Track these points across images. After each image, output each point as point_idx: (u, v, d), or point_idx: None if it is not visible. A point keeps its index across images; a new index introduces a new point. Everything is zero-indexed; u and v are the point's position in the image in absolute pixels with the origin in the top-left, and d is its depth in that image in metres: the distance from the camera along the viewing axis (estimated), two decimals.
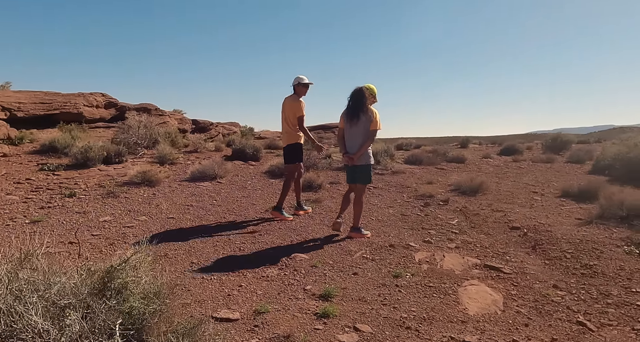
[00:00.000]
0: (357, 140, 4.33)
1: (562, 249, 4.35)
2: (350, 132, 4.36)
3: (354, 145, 4.35)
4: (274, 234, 4.65)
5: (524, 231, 5.01)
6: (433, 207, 6.27)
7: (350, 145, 4.38)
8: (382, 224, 5.25)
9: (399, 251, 4.17)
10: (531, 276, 3.70)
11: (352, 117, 4.28)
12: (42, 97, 14.07)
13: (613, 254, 4.12)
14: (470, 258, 4.07)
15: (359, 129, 4.29)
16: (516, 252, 4.37)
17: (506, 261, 4.08)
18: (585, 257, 4.08)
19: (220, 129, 20.14)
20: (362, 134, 4.30)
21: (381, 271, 3.63)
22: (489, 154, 13.86)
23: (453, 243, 4.58)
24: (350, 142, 4.38)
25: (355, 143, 4.34)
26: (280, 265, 3.74)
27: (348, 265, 3.76)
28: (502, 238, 4.84)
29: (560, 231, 4.88)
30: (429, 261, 3.90)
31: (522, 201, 6.65)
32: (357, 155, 4.31)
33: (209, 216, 5.23)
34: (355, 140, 4.34)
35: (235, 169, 8.80)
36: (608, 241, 4.50)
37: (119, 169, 6.95)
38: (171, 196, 6.00)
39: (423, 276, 3.52)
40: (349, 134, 4.39)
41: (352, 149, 4.38)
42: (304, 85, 5.16)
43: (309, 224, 5.11)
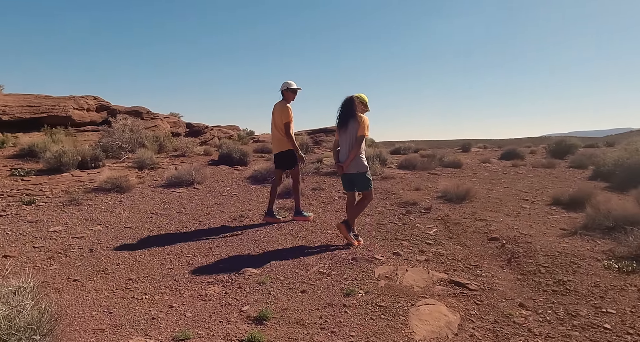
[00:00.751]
0: (347, 148, 4.32)
1: (538, 262, 4.13)
2: (341, 140, 4.38)
3: (345, 153, 4.34)
4: (232, 246, 4.46)
5: (502, 242, 4.80)
6: (414, 215, 6.08)
7: (343, 153, 4.38)
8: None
9: (360, 264, 3.97)
10: (498, 293, 3.49)
11: (342, 125, 4.31)
12: (31, 100, 14.08)
13: (591, 269, 3.90)
14: (436, 273, 3.86)
15: (348, 137, 4.29)
16: (489, 266, 4.16)
17: (476, 276, 3.87)
18: (560, 272, 3.87)
19: (216, 132, 20.10)
20: (350, 140, 4.29)
21: (333, 288, 3.42)
22: (488, 159, 13.60)
23: (424, 255, 4.38)
24: (342, 150, 4.39)
25: (345, 151, 4.33)
26: (225, 281, 3.53)
27: (300, 281, 3.54)
28: (478, 250, 4.64)
29: (540, 243, 4.66)
30: (389, 276, 3.69)
31: (509, 209, 6.43)
32: (347, 164, 4.29)
33: (171, 225, 5.07)
34: (346, 148, 4.33)
35: (218, 174, 8.68)
36: (589, 254, 4.27)
37: (94, 174, 6.84)
38: (138, 203, 5.85)
39: (377, 293, 3.31)
40: (342, 142, 4.40)
41: (343, 157, 4.38)
42: (292, 90, 5.18)
43: (275, 234, 4.92)
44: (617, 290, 3.45)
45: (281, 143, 5.23)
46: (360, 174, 4.36)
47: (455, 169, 11.31)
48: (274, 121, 5.24)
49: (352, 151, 4.25)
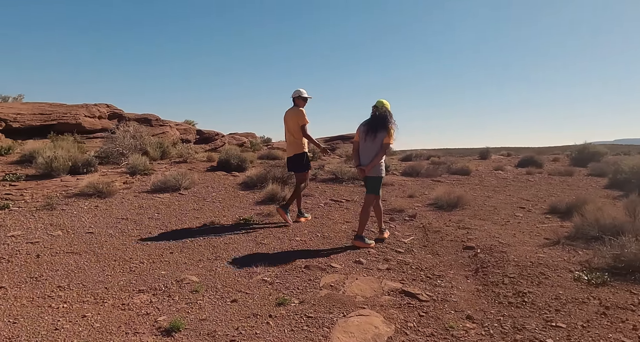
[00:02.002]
0: (372, 154, 4.55)
1: (506, 273, 3.95)
2: (366, 146, 4.57)
3: (368, 158, 4.56)
4: (187, 252, 4.41)
5: (476, 251, 4.63)
6: (396, 222, 5.96)
7: (365, 158, 4.60)
8: (323, 241, 4.99)
9: (311, 273, 3.87)
10: (450, 305, 3.35)
11: (371, 132, 4.52)
12: (45, 108, 14.68)
13: (558, 281, 3.70)
14: (391, 282, 3.74)
15: (375, 144, 4.52)
16: (454, 276, 4.01)
17: (433, 286, 3.74)
18: (524, 284, 3.68)
19: (227, 139, 20.39)
20: (376, 148, 4.53)
21: (268, 297, 3.31)
22: (501, 166, 13.26)
23: (387, 264, 4.26)
24: (365, 155, 4.60)
25: (369, 156, 4.56)
26: (157, 290, 3.42)
27: (236, 290, 3.43)
28: (448, 259, 4.49)
29: (516, 253, 4.47)
30: (335, 285, 3.57)
31: (500, 217, 6.22)
32: (369, 168, 4.52)
33: (135, 230, 5.07)
34: (370, 154, 4.56)
35: (211, 180, 8.77)
36: (563, 265, 4.06)
37: (83, 179, 7.04)
38: (113, 209, 5.93)
39: (313, 303, 3.19)
40: (364, 148, 4.60)
41: (366, 161, 4.59)
42: (303, 98, 5.57)
43: (238, 240, 4.80)
44: (577, 303, 3.26)
45: (296, 146, 5.55)
46: (376, 178, 4.66)
47: (462, 177, 11.07)
48: (287, 126, 5.58)
49: (377, 157, 4.52)
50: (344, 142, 31.42)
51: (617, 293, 3.41)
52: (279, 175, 8.41)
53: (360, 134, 4.65)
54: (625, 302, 3.23)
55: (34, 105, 15.41)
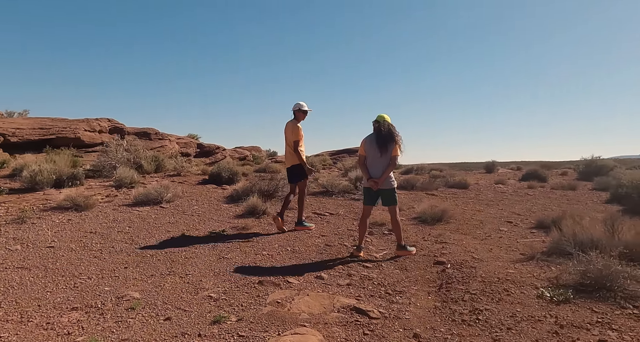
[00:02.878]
0: (382, 167, 4.71)
1: (469, 289, 3.84)
2: (375, 159, 4.74)
3: (379, 171, 4.72)
4: (142, 267, 4.31)
5: (446, 266, 4.53)
6: (374, 236, 5.87)
7: (375, 171, 4.75)
8: (291, 256, 4.92)
9: (263, 288, 3.78)
10: (401, 322, 3.25)
11: (380, 146, 4.69)
12: (45, 123, 15.00)
13: (520, 298, 3.58)
14: (345, 298, 3.65)
15: (385, 157, 4.70)
16: (416, 292, 3.92)
17: (390, 303, 3.64)
18: (484, 300, 3.57)
19: (230, 152, 20.54)
20: (386, 162, 4.72)
21: (206, 315, 3.19)
22: (503, 180, 13.09)
23: (349, 279, 4.17)
24: (375, 168, 4.75)
25: (379, 169, 4.72)
26: (92, 307, 3.33)
27: (175, 307, 3.35)
28: (415, 274, 4.39)
29: (486, 268, 4.36)
30: (282, 301, 3.48)
31: (483, 231, 6.10)
32: (382, 180, 4.69)
33: (99, 244, 5.03)
34: (380, 167, 4.72)
35: (199, 193, 8.80)
36: (530, 281, 3.94)
37: (66, 193, 7.12)
38: (84, 223, 5.91)
39: (251, 321, 3.08)
40: (373, 162, 4.76)
41: (376, 174, 4.73)
42: (303, 111, 5.82)
43: (200, 255, 4.74)
44: (532, 321, 3.14)
45: (291, 158, 5.86)
46: (391, 189, 4.81)
47: (459, 190, 10.95)
48: (286, 138, 5.88)
49: (387, 169, 4.70)
50: (350, 155, 31.41)
51: (578, 311, 3.29)
52: (265, 188, 8.41)
53: (366, 148, 4.82)
54: (583, 321, 3.11)
55: (36, 120, 15.77)
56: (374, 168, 4.78)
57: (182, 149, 17.34)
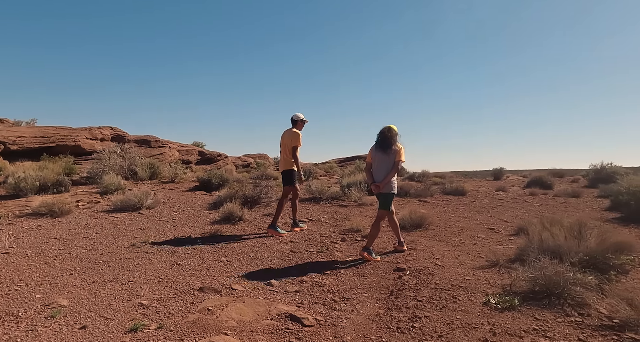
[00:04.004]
0: (384, 172, 4.93)
1: (418, 296, 3.78)
2: (379, 165, 4.98)
3: (381, 175, 4.94)
4: (88, 273, 4.24)
5: (404, 273, 4.47)
6: (345, 243, 5.83)
7: (378, 175, 4.99)
8: (250, 262, 4.91)
9: (201, 295, 3.70)
10: (334, 330, 3.20)
11: (382, 152, 4.93)
12: (47, 131, 15.39)
13: (465, 305, 3.50)
14: (283, 306, 3.60)
15: (387, 162, 4.92)
16: (365, 299, 3.87)
17: (332, 310, 3.60)
18: (427, 308, 3.50)
19: (234, 160, 20.70)
20: (388, 166, 4.91)
21: (127, 323, 3.13)
22: (505, 187, 12.87)
23: (299, 286, 4.14)
24: (378, 172, 4.99)
25: (382, 174, 4.94)
26: (12, 316, 3.26)
27: (99, 315, 3.30)
28: (371, 281, 4.34)
29: (444, 275, 4.28)
30: (213, 308, 3.40)
31: (459, 238, 5.99)
32: (383, 183, 4.89)
33: (56, 251, 5.02)
34: (383, 172, 4.94)
35: (184, 200, 8.89)
36: (483, 288, 3.85)
37: (42, 199, 7.23)
38: (54, 229, 5.98)
39: (171, 329, 3.04)
40: (377, 166, 5.00)
41: (379, 179, 4.96)
42: (302, 121, 6.34)
43: (154, 261, 4.77)
44: (467, 329, 3.07)
45: (287, 163, 6.24)
46: (388, 194, 4.99)
47: (455, 197, 10.80)
48: (283, 144, 6.28)
49: (390, 174, 4.89)
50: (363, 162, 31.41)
51: (519, 318, 3.20)
52: (249, 194, 8.45)
53: (372, 155, 5.08)
54: (519, 328, 3.02)
55: (40, 128, 16.21)
56: (377, 173, 5.00)
57: (184, 156, 17.56)
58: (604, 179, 14.07)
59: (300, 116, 6.35)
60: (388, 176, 4.91)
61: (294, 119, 6.31)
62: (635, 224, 7.15)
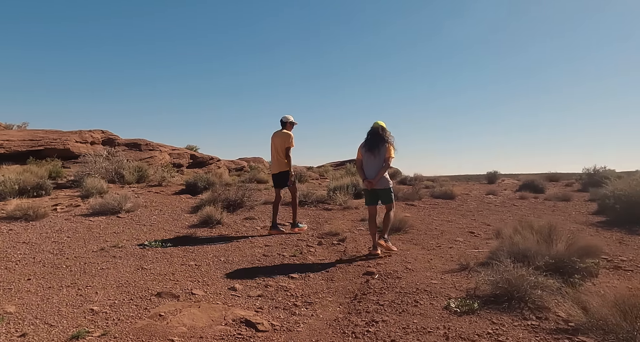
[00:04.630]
0: (376, 168, 5.08)
1: (381, 300, 3.74)
2: (370, 161, 5.13)
3: (374, 172, 5.08)
4: (47, 279, 4.18)
5: (373, 276, 4.44)
6: (321, 246, 5.80)
7: (370, 172, 5.13)
8: (220, 266, 4.87)
9: (157, 300, 3.66)
10: (288, 336, 3.15)
11: (373, 148, 5.08)
12: (37, 134, 15.37)
13: (426, 309, 3.47)
14: (240, 310, 3.54)
15: (378, 159, 5.07)
16: (328, 303, 3.84)
17: (291, 315, 3.56)
18: (387, 312, 3.47)
19: (227, 163, 20.70)
20: (380, 163, 5.07)
21: (71, 330, 3.06)
22: (496, 191, 12.84)
23: (263, 290, 4.12)
24: (370, 169, 5.13)
25: (374, 170, 5.09)
26: None
27: (44, 322, 3.21)
28: (338, 285, 4.31)
29: (412, 278, 4.25)
30: (165, 314, 3.32)
31: (437, 242, 5.95)
32: (377, 180, 5.06)
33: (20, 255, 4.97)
34: (375, 168, 5.09)
35: (169, 203, 8.88)
36: (447, 292, 3.82)
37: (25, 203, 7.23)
38: (25, 233, 5.96)
39: (115, 336, 2.95)
40: (368, 163, 5.15)
41: (371, 175, 5.11)
42: (291, 123, 6.47)
43: (118, 265, 4.74)
44: (422, 333, 3.04)
45: (279, 165, 6.34)
46: (387, 189, 5.22)
47: (443, 200, 10.76)
48: (274, 146, 6.37)
49: (381, 170, 5.06)
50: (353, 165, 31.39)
51: (476, 322, 3.17)
52: (232, 197, 8.43)
53: (362, 152, 5.21)
54: (473, 332, 2.99)
55: (29, 132, 16.22)
56: (369, 169, 5.14)
57: (175, 159, 17.58)
58: (596, 183, 14.04)
59: (289, 118, 6.45)
60: (380, 172, 5.04)
61: (284, 121, 6.42)
62: (618, 228, 7.12)
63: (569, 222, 7.81)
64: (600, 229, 7.06)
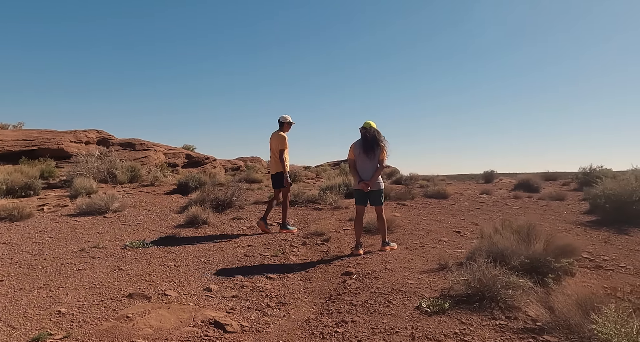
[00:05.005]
0: (371, 170, 5.16)
1: (354, 300, 3.74)
2: (366, 163, 5.19)
3: (369, 173, 5.17)
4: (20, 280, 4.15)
5: (351, 277, 4.44)
6: (305, 246, 5.80)
7: (365, 174, 5.21)
8: (200, 266, 4.86)
9: (128, 301, 3.63)
10: (256, 337, 3.13)
11: (368, 151, 5.16)
12: (31, 134, 15.40)
13: (397, 309, 3.45)
14: (211, 311, 3.52)
15: (373, 161, 5.17)
16: (302, 304, 3.84)
17: (262, 315, 3.55)
18: (359, 312, 3.47)
19: (223, 163, 20.71)
20: (375, 165, 5.17)
21: (32, 332, 3.02)
22: (490, 190, 12.83)
23: (237, 291, 4.10)
24: (365, 171, 5.20)
25: (370, 172, 5.16)
26: None
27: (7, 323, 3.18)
28: (315, 285, 4.31)
29: (389, 278, 4.24)
30: (133, 316, 3.27)
31: (422, 241, 5.94)
32: (372, 182, 5.13)
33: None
34: (370, 170, 5.17)
35: (159, 203, 8.88)
36: (422, 292, 3.81)
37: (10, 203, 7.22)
38: (10, 233, 5.96)
39: (76, 338, 2.88)
40: (364, 165, 5.21)
41: (367, 177, 5.17)
42: (289, 123, 6.49)
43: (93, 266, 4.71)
44: (389, 333, 3.04)
45: (276, 166, 6.41)
46: (379, 190, 5.30)
47: (435, 200, 10.73)
48: (271, 147, 6.44)
49: (377, 172, 5.17)
50: None
51: (445, 322, 3.16)
52: (222, 198, 8.43)
53: (355, 152, 5.26)
54: (440, 332, 2.99)
55: (24, 132, 16.25)
56: (363, 171, 5.21)
57: (170, 159, 17.60)
58: (591, 182, 14.01)
59: (287, 118, 6.49)
60: (376, 174, 5.15)
61: (281, 121, 6.47)
62: (607, 227, 7.12)
63: (559, 221, 7.79)
64: (588, 229, 7.05)
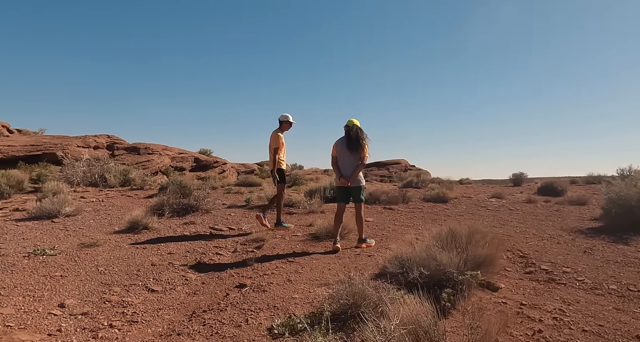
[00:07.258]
0: (352, 167, 5.29)
1: (214, 317, 3.31)
2: (348, 159, 5.32)
3: (349, 170, 5.30)
4: None
5: (242, 289, 3.97)
6: (237, 253, 5.39)
7: (346, 170, 5.33)
8: (87, 278, 4.34)
9: None
10: None
11: (349, 148, 5.29)
12: (42, 140, 15.95)
13: (244, 330, 3.00)
14: (26, 335, 2.96)
15: (354, 158, 5.30)
16: (157, 322, 3.46)
17: (90, 338, 3.16)
18: (202, 333, 3.02)
19: (237, 166, 20.65)
20: (356, 162, 5.31)
21: None
22: (502, 194, 11.84)
23: (95, 307, 3.68)
24: (346, 168, 5.33)
25: (350, 169, 5.30)
26: None
27: None
28: (195, 299, 3.94)
29: (278, 291, 3.78)
30: None
31: (363, 250, 5.34)
32: (352, 178, 5.27)
33: None
34: (351, 167, 5.30)
35: (127, 206, 8.73)
36: (293, 309, 3.29)
37: None
38: None
39: None
40: (345, 161, 5.34)
41: (347, 173, 5.30)
42: (287, 122, 6.54)
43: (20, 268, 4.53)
44: None
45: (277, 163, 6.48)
46: (359, 187, 5.39)
47: (431, 203, 9.98)
48: (269, 145, 6.52)
49: (357, 169, 5.29)
50: (379, 168, 30.59)
51: None
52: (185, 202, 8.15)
53: (337, 150, 5.40)
54: None
55: (35, 137, 16.84)
56: (344, 168, 5.34)
57: (178, 163, 17.69)
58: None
59: (287, 118, 6.53)
60: (356, 171, 5.26)
61: (280, 120, 6.52)
62: (607, 235, 6.34)
63: (554, 228, 6.98)
64: (581, 236, 6.25)
